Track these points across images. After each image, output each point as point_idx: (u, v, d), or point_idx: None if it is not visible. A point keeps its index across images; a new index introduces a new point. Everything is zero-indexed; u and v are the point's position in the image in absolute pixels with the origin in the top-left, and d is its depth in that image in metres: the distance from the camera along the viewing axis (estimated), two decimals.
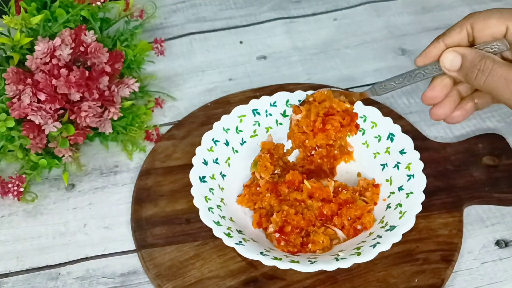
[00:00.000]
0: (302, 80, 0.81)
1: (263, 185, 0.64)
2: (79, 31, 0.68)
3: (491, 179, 0.67)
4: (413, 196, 0.61)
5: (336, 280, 0.59)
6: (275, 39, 0.88)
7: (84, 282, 0.61)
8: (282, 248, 0.60)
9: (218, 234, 0.57)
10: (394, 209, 0.61)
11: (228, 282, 0.59)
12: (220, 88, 0.81)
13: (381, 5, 0.93)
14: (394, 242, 0.56)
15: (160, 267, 0.60)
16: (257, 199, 0.64)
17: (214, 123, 0.67)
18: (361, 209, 0.61)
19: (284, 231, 0.60)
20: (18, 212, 0.67)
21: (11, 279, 0.61)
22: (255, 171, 0.65)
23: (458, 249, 0.61)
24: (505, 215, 0.66)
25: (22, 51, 0.68)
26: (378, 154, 0.67)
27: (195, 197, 0.60)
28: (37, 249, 0.64)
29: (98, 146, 0.73)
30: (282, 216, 0.61)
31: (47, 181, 0.70)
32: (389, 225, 0.59)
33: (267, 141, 0.68)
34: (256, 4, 0.94)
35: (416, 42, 0.87)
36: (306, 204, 0.62)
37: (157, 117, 0.77)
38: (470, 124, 0.75)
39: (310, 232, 0.61)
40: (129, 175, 0.70)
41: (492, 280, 0.60)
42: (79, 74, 0.65)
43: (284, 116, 0.70)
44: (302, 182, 0.63)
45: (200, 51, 0.86)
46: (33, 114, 0.64)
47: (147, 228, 0.63)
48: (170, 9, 0.93)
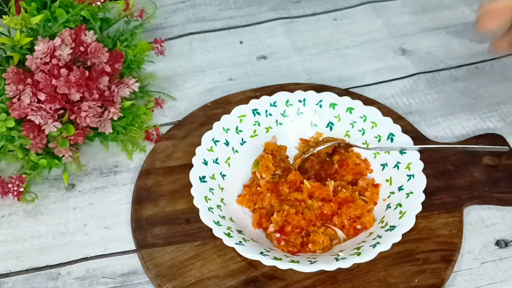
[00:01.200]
0: (302, 80, 0.81)
1: (263, 185, 0.64)
2: (79, 31, 0.68)
3: (491, 179, 0.67)
4: (413, 196, 0.61)
5: (336, 280, 0.59)
6: (275, 39, 0.88)
7: (84, 282, 0.61)
8: (282, 248, 0.60)
9: (218, 234, 0.57)
10: (394, 209, 0.61)
11: (228, 282, 0.59)
12: (220, 88, 0.81)
13: (381, 5, 0.93)
14: (394, 242, 0.56)
15: (160, 267, 0.60)
16: (257, 199, 0.64)
17: (214, 123, 0.68)
18: (361, 209, 0.61)
19: (284, 231, 0.60)
20: (18, 212, 0.67)
21: (11, 279, 0.61)
22: (256, 171, 0.65)
23: (458, 249, 0.61)
24: (505, 215, 0.66)
25: (22, 51, 0.68)
26: (378, 154, 0.67)
27: (195, 197, 0.60)
28: (37, 249, 0.64)
29: (98, 146, 0.73)
30: (283, 215, 0.61)
31: (47, 181, 0.70)
32: (389, 225, 0.59)
33: (270, 142, 0.68)
34: (256, 4, 0.94)
35: (416, 42, 0.87)
36: (306, 204, 0.62)
37: (157, 117, 0.77)
38: (470, 124, 0.75)
39: (310, 232, 0.61)
40: (129, 175, 0.70)
41: (492, 280, 0.60)
42: (79, 74, 0.65)
43: (284, 116, 0.70)
44: (303, 182, 0.63)
45: (200, 51, 0.86)
46: (33, 114, 0.64)
47: (147, 228, 0.63)
48: (170, 9, 0.93)
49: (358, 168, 0.66)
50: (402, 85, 0.81)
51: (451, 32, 0.88)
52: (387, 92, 0.80)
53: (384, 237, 0.58)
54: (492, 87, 0.80)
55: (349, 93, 0.76)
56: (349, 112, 0.69)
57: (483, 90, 0.80)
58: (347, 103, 0.69)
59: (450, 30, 0.88)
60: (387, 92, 0.79)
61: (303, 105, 0.70)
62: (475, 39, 0.87)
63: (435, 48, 0.86)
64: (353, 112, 0.69)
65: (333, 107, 0.70)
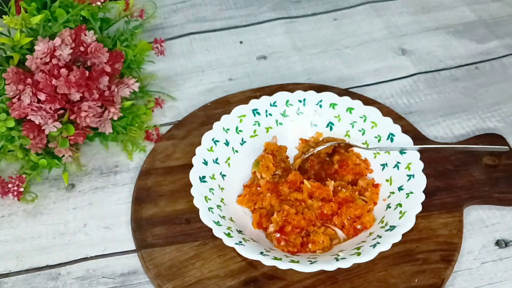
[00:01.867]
0: (302, 80, 0.81)
1: (263, 185, 0.64)
2: (79, 31, 0.68)
3: (491, 179, 0.67)
4: (413, 196, 0.61)
5: (336, 280, 0.59)
6: (275, 39, 0.88)
7: (84, 282, 0.61)
8: (282, 248, 0.60)
9: (218, 234, 0.57)
10: (394, 209, 0.61)
11: (228, 282, 0.59)
12: (220, 88, 0.81)
13: (381, 5, 0.93)
14: (394, 242, 0.56)
15: (160, 267, 0.60)
16: (257, 199, 0.64)
17: (214, 123, 0.68)
18: (360, 209, 0.61)
19: (285, 231, 0.60)
20: (18, 212, 0.67)
21: (11, 279, 0.61)
22: (257, 170, 0.65)
23: (458, 249, 0.61)
24: (505, 215, 0.66)
25: (22, 51, 0.68)
26: (378, 154, 0.67)
27: (195, 197, 0.60)
28: (37, 249, 0.64)
29: (98, 146, 0.73)
30: (283, 215, 0.61)
31: (47, 181, 0.70)
32: (389, 225, 0.59)
33: (271, 142, 0.68)
34: (256, 4, 0.94)
35: (416, 42, 0.87)
36: (306, 204, 0.62)
37: (157, 117, 0.77)
38: (470, 124, 0.75)
39: (310, 232, 0.61)
40: (129, 175, 0.70)
41: (492, 280, 0.60)
42: (79, 74, 0.65)
43: (284, 116, 0.70)
44: (303, 182, 0.63)
45: (200, 51, 0.86)
46: (33, 114, 0.64)
47: (147, 228, 0.63)
48: (170, 9, 0.93)
49: (358, 168, 0.66)
50: (402, 85, 0.81)
51: (451, 32, 0.88)
52: (387, 92, 0.80)
53: (384, 237, 0.58)
54: (492, 87, 0.80)
55: (349, 93, 0.76)
56: (349, 112, 0.69)
57: (483, 90, 0.80)
58: (347, 103, 0.69)
59: (450, 30, 0.89)
60: (387, 92, 0.79)
61: (303, 105, 0.70)
62: (475, 39, 0.87)
63: (435, 48, 0.86)
64: (353, 112, 0.69)
65: (333, 107, 0.70)
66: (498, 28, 0.89)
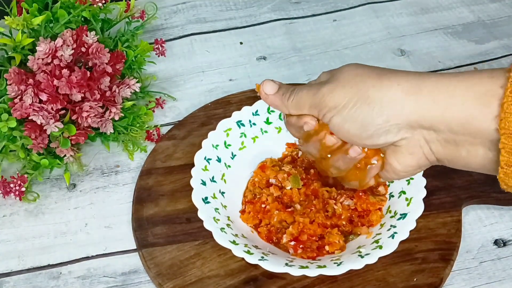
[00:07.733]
0: (302, 80, 0.82)
1: (271, 204, 0.63)
2: (81, 32, 0.69)
3: (489, 179, 0.67)
4: (415, 182, 0.61)
5: (335, 279, 0.59)
6: (275, 40, 0.88)
7: (85, 281, 0.61)
8: (301, 255, 0.59)
9: (238, 253, 0.56)
10: (399, 197, 0.61)
11: (228, 281, 0.59)
12: (220, 89, 0.81)
13: (380, 6, 0.93)
14: (410, 230, 0.57)
15: (161, 266, 0.60)
16: (263, 216, 0.63)
17: (203, 141, 0.66)
18: (376, 204, 0.62)
19: (300, 239, 0.60)
20: (19, 211, 0.67)
21: (12, 279, 0.62)
22: (295, 187, 0.64)
23: (456, 249, 0.61)
24: (503, 214, 0.66)
25: (23, 51, 0.69)
26: None
27: (204, 221, 0.58)
28: (39, 248, 0.64)
29: (99, 146, 0.74)
30: (299, 228, 0.60)
31: (48, 181, 0.70)
32: (399, 214, 0.60)
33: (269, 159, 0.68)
34: (256, 5, 0.94)
35: (415, 43, 0.87)
36: (316, 207, 0.62)
37: (158, 117, 0.77)
38: None
39: (324, 235, 0.61)
40: (130, 175, 0.71)
41: (491, 280, 0.61)
42: (80, 75, 0.66)
43: (268, 123, 0.70)
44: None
45: (200, 52, 0.87)
46: (35, 114, 0.64)
47: (148, 228, 0.64)
48: (170, 10, 0.94)
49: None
50: None
51: (449, 32, 0.89)
52: None
53: (398, 226, 0.58)
54: None
55: None
56: None
57: None
58: None
59: (448, 31, 0.89)
60: None
61: None
62: (473, 39, 0.87)
63: (434, 49, 0.86)
64: None
65: None
66: (496, 29, 0.89)
